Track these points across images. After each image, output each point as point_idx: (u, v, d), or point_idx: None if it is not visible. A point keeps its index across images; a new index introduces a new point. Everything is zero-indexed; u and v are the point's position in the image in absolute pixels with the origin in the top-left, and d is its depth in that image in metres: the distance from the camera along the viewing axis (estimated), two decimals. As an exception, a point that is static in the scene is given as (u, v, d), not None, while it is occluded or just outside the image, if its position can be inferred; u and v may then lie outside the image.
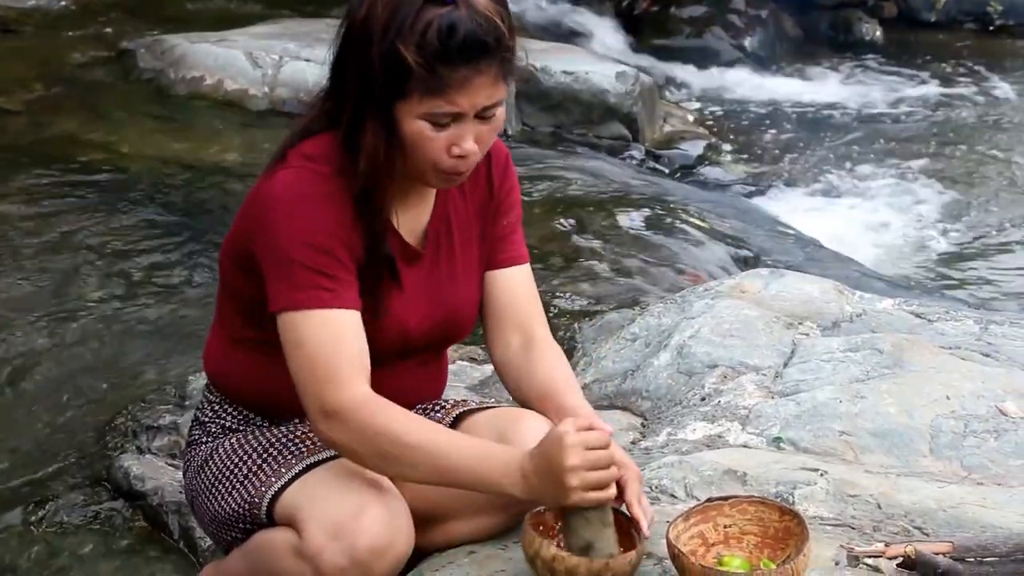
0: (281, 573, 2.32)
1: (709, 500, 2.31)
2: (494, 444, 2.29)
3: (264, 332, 2.34)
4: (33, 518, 3.15)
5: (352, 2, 2.27)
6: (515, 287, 2.52)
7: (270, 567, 2.34)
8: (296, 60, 6.30)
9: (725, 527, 2.29)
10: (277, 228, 2.27)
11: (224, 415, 2.51)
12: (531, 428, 2.37)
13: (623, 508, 2.29)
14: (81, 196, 4.88)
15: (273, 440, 2.43)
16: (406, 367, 2.44)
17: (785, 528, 2.25)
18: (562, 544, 2.25)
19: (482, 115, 2.25)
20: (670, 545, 2.18)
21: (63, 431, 3.48)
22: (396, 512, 2.28)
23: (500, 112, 2.28)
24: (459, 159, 2.27)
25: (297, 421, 2.44)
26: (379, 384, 2.29)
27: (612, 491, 2.20)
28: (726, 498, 2.31)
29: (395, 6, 2.19)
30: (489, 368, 3.64)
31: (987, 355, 3.24)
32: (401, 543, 2.28)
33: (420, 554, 2.38)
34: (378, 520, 2.25)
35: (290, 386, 2.30)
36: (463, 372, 3.59)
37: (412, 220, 2.41)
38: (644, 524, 2.25)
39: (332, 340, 2.25)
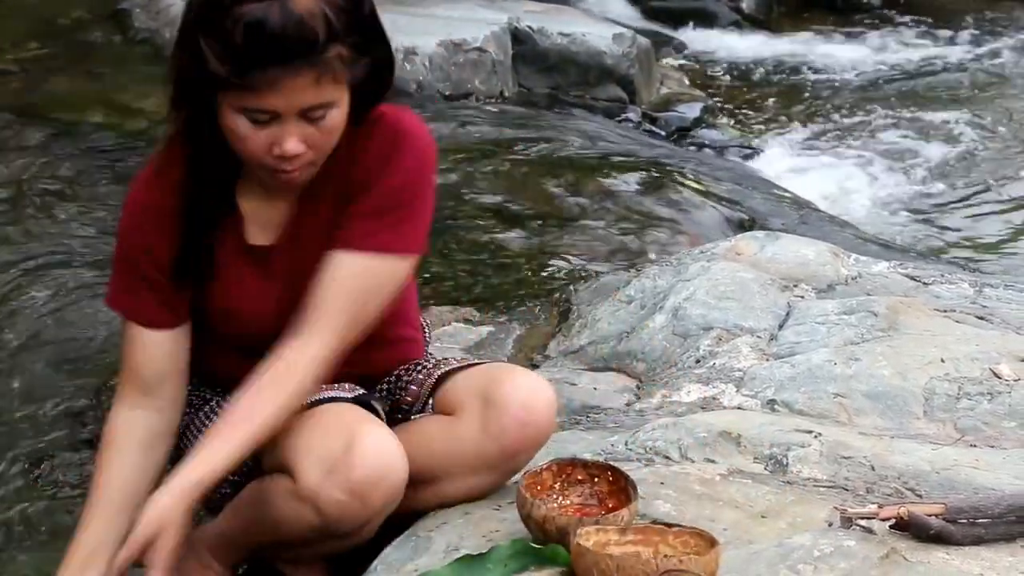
0: (280, 518, 2.30)
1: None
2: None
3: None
4: (29, 477, 3.16)
5: None
6: (330, 277, 2.26)
7: (267, 514, 2.33)
8: (291, 20, 6.23)
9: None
10: (117, 234, 2.35)
11: (204, 389, 2.51)
12: (516, 386, 2.34)
13: None
14: (75, 155, 4.86)
15: None
16: None
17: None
18: (556, 503, 2.26)
19: (308, 116, 2.12)
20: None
21: (57, 391, 3.48)
22: (386, 440, 2.26)
23: (333, 114, 2.13)
24: (281, 159, 2.15)
25: None
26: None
27: None
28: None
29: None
30: (485, 330, 3.64)
31: (982, 318, 3.25)
32: (396, 469, 2.25)
33: (414, 515, 2.38)
34: (370, 450, 2.23)
35: (222, 364, 2.38)
36: (458, 334, 3.58)
37: (269, 213, 2.33)
38: None
39: (125, 347, 2.35)
